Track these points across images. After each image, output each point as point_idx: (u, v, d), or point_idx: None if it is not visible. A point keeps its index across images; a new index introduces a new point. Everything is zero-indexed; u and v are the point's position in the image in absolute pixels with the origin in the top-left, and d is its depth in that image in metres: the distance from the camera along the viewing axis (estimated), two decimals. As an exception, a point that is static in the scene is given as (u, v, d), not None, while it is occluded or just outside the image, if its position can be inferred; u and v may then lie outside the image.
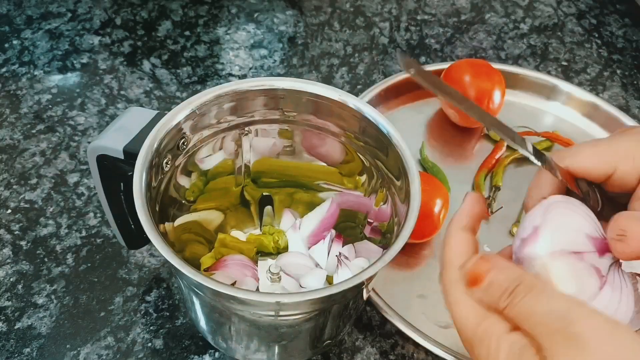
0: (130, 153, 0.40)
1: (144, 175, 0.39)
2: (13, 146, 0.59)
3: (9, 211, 0.55)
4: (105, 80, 0.66)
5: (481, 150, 0.63)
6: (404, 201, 0.41)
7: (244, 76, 0.67)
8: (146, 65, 0.67)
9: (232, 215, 0.51)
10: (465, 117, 0.62)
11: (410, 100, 0.66)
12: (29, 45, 0.68)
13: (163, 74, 0.67)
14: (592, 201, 0.35)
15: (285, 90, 0.45)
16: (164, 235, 0.42)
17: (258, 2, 0.75)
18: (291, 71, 0.69)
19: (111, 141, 0.41)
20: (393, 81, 0.64)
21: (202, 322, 0.44)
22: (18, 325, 0.48)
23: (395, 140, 0.43)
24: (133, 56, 0.68)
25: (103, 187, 0.44)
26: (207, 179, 0.48)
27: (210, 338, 0.46)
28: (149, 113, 0.43)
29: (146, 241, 0.47)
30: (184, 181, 0.46)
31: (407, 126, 0.64)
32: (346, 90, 0.67)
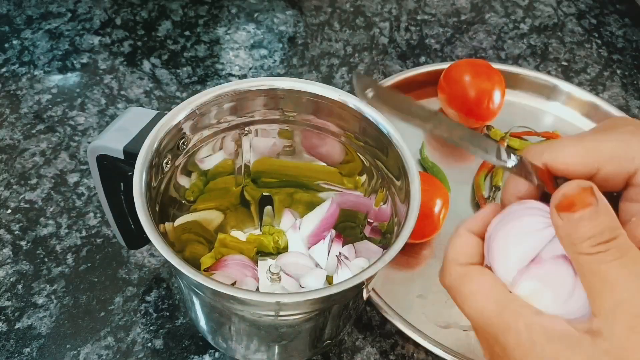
0: (130, 153, 0.40)
1: (144, 175, 0.39)
2: (13, 146, 0.59)
3: (9, 211, 0.55)
4: (105, 80, 0.66)
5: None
6: (404, 201, 0.41)
7: (244, 76, 0.67)
8: (146, 65, 0.67)
9: (232, 215, 0.51)
10: (465, 117, 0.62)
11: (410, 100, 0.66)
12: (29, 45, 0.68)
13: (163, 74, 0.67)
14: None
15: (285, 90, 0.45)
16: (164, 235, 0.42)
17: (258, 2, 0.75)
18: (291, 71, 0.69)
19: (111, 141, 0.41)
20: (393, 81, 0.64)
21: (202, 322, 0.44)
22: (18, 325, 0.48)
23: (395, 140, 0.43)
24: (133, 56, 0.68)
25: (103, 187, 0.44)
26: (207, 179, 0.48)
27: (210, 338, 0.46)
28: (149, 113, 0.43)
29: (146, 241, 0.47)
30: (184, 181, 0.46)
31: (407, 126, 0.63)
32: (346, 90, 0.66)
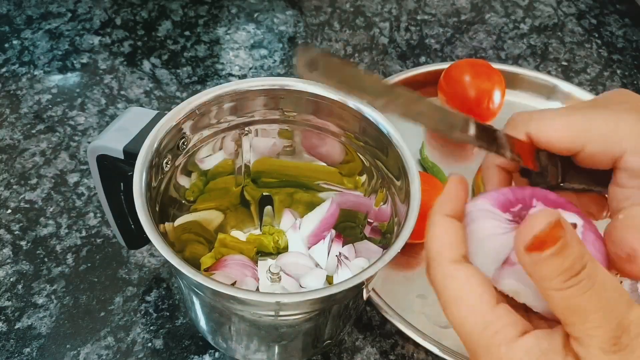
0: (130, 153, 0.40)
1: (144, 175, 0.39)
2: (13, 146, 0.59)
3: (9, 211, 0.55)
4: (105, 80, 0.66)
5: (481, 150, 0.63)
6: (404, 201, 0.41)
7: (244, 76, 0.67)
8: (146, 65, 0.67)
9: (232, 215, 0.51)
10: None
11: (410, 100, 0.66)
12: (29, 45, 0.68)
13: (163, 74, 0.67)
14: (551, 176, 0.32)
15: (285, 90, 0.45)
16: (164, 235, 0.42)
17: (258, 2, 0.75)
18: (291, 71, 0.69)
19: (111, 141, 0.41)
20: (393, 81, 0.64)
21: (202, 322, 0.44)
22: (18, 325, 0.48)
23: (395, 140, 0.42)
24: (133, 56, 0.68)
25: (103, 187, 0.44)
26: (207, 179, 0.48)
27: (210, 338, 0.46)
28: (149, 113, 0.43)
29: (146, 241, 0.47)
30: (184, 181, 0.46)
31: (407, 126, 0.63)
32: (346, 90, 0.66)
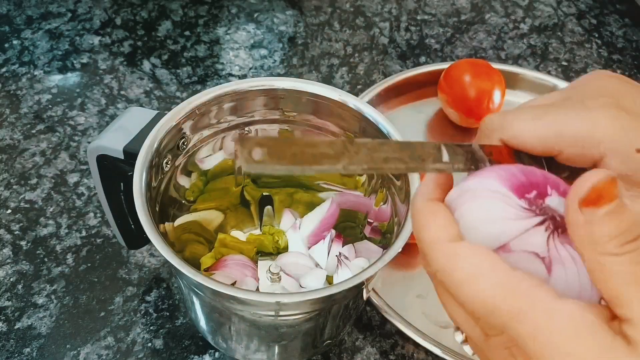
0: (130, 153, 0.40)
1: (144, 175, 0.39)
2: (13, 146, 0.59)
3: (9, 211, 0.55)
4: (105, 80, 0.66)
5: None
6: (404, 201, 0.41)
7: (244, 76, 0.67)
8: (146, 65, 0.67)
9: (232, 215, 0.51)
10: (465, 117, 0.62)
11: (410, 100, 0.66)
12: (29, 45, 0.68)
13: (163, 74, 0.67)
14: None
15: (285, 90, 0.45)
16: (164, 235, 0.42)
17: (258, 2, 0.75)
18: (291, 71, 0.69)
19: (111, 141, 0.41)
20: (393, 81, 0.64)
21: (202, 322, 0.44)
22: (18, 325, 0.48)
23: (395, 140, 0.43)
24: (133, 56, 0.68)
25: (103, 187, 0.44)
26: (207, 179, 0.48)
27: (210, 338, 0.46)
28: (149, 113, 0.43)
29: (146, 241, 0.47)
30: (184, 181, 0.46)
31: (407, 126, 0.64)
32: (346, 90, 0.67)
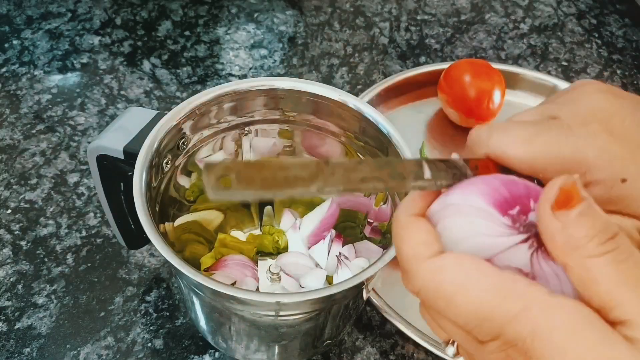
0: (130, 153, 0.40)
1: (144, 175, 0.39)
2: (13, 146, 0.59)
3: (9, 211, 0.55)
4: (105, 80, 0.66)
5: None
6: (404, 201, 0.41)
7: (244, 76, 0.67)
8: (146, 65, 0.67)
9: (232, 215, 0.51)
10: (465, 117, 0.61)
11: (410, 100, 0.66)
12: (29, 45, 0.68)
13: (163, 74, 0.67)
14: None
15: (285, 90, 0.45)
16: (164, 235, 0.42)
17: (258, 2, 0.75)
18: (291, 71, 0.69)
19: (111, 141, 0.41)
20: (393, 81, 0.64)
21: (202, 322, 0.44)
22: (18, 325, 0.48)
23: (395, 140, 0.43)
24: (133, 56, 0.68)
25: (103, 187, 0.44)
26: (207, 179, 0.48)
27: (210, 338, 0.46)
28: (149, 113, 0.43)
29: (146, 241, 0.47)
30: (184, 181, 0.46)
31: (407, 126, 0.63)
32: (346, 90, 0.67)
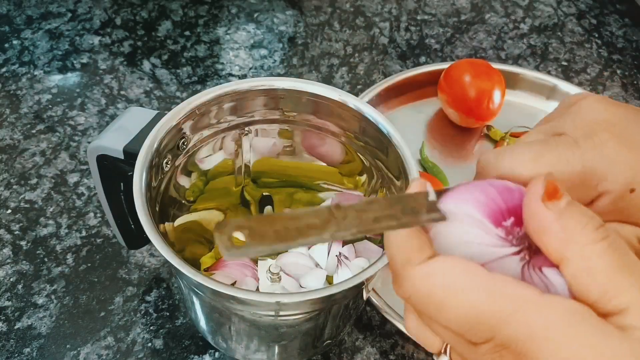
0: (130, 153, 0.40)
1: (144, 175, 0.39)
2: (13, 146, 0.59)
3: (9, 211, 0.55)
4: (105, 80, 0.66)
5: (481, 150, 0.63)
6: (404, 201, 0.41)
7: (244, 76, 0.67)
8: (146, 65, 0.67)
9: (232, 215, 0.51)
10: (465, 117, 0.62)
11: (410, 100, 0.66)
12: (29, 45, 0.68)
13: (163, 74, 0.67)
14: None
15: (285, 90, 0.45)
16: (164, 235, 0.42)
17: (258, 2, 0.75)
18: (291, 71, 0.69)
19: (111, 141, 0.41)
20: (393, 81, 0.64)
21: (202, 322, 0.44)
22: (18, 325, 0.48)
23: (395, 140, 0.42)
24: (133, 56, 0.68)
25: (103, 187, 0.44)
26: (207, 179, 0.48)
27: (210, 338, 0.46)
28: (149, 113, 0.43)
29: (146, 241, 0.47)
30: (184, 181, 0.46)
31: (407, 126, 0.64)
32: (346, 90, 0.67)
